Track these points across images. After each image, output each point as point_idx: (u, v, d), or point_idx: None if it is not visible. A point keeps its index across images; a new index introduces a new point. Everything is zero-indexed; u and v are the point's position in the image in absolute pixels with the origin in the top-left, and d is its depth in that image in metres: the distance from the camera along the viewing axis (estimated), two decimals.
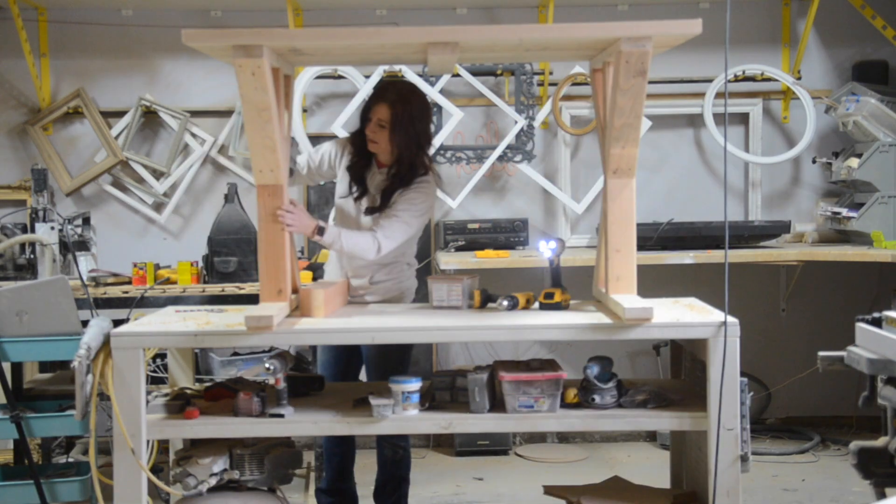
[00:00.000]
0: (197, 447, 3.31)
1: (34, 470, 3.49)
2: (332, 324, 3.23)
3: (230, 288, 4.60)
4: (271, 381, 3.33)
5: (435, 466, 5.19)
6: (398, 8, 5.61)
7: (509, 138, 5.56)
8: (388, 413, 3.13)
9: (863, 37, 5.69)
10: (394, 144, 3.59)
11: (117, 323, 3.25)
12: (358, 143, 3.71)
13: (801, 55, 5.60)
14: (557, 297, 3.33)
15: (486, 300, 3.39)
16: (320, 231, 3.42)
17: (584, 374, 3.18)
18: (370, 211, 3.65)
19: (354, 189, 3.71)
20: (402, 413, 3.16)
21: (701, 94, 5.57)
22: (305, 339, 3.39)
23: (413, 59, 3.54)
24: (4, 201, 5.53)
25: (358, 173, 3.71)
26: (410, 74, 5.51)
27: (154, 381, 4.76)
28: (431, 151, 3.80)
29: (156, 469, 3.34)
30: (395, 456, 3.86)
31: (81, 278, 4.25)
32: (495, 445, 5.35)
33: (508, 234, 5.38)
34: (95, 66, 5.62)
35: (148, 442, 3.18)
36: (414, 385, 3.18)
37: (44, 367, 4.69)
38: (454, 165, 5.65)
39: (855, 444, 2.79)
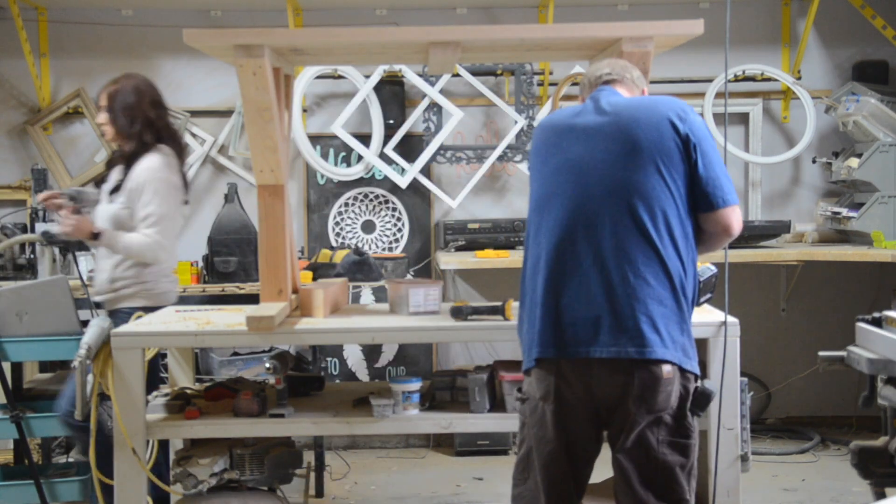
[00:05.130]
0: (197, 447, 3.31)
1: (34, 470, 3.49)
2: (332, 324, 3.23)
3: (230, 288, 4.60)
4: (271, 380, 3.33)
5: (435, 466, 5.19)
6: (398, 8, 5.61)
7: (509, 138, 5.56)
8: (389, 413, 3.13)
9: (863, 37, 5.69)
10: (114, 122, 3.68)
11: (117, 323, 3.25)
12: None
13: (801, 55, 5.60)
14: None
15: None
16: (96, 236, 3.52)
17: None
18: (114, 191, 3.66)
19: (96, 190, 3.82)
20: (403, 413, 3.16)
21: (701, 94, 5.57)
22: (305, 339, 3.39)
23: (414, 59, 3.55)
24: (4, 201, 5.53)
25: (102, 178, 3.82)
26: (410, 74, 5.51)
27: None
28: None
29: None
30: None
31: (81, 278, 4.25)
32: (495, 445, 5.35)
33: (508, 234, 5.38)
34: (95, 66, 5.61)
35: (148, 442, 3.19)
36: (414, 385, 3.18)
37: (44, 367, 4.68)
38: (454, 165, 5.65)
39: (855, 444, 2.79)
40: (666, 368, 2.48)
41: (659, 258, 2.50)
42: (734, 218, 2.62)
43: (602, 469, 2.73)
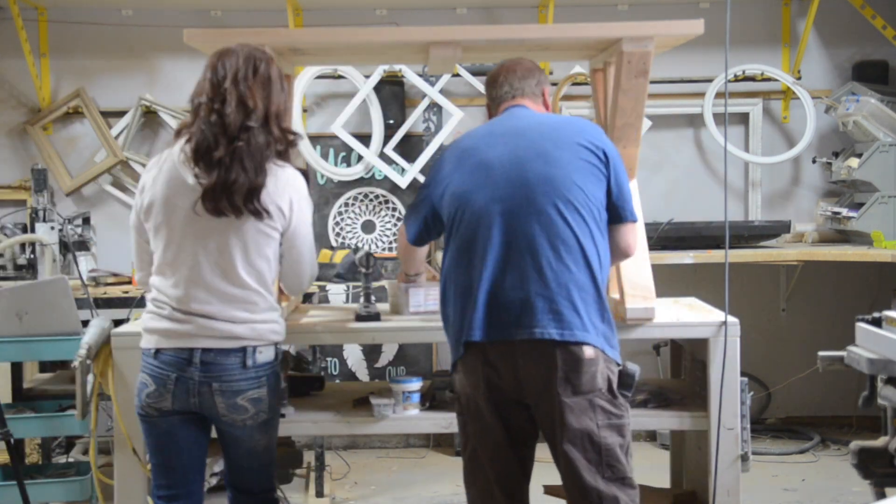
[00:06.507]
0: None
1: (19, 474, 3.46)
2: (332, 324, 3.23)
3: None
4: None
5: (435, 466, 5.19)
6: (398, 8, 5.61)
7: None
8: (389, 413, 3.13)
9: (863, 37, 5.68)
10: None
11: (117, 323, 3.25)
12: None
13: (801, 55, 5.60)
14: None
15: None
16: None
17: None
18: None
19: None
20: (403, 413, 3.16)
21: (701, 94, 5.57)
22: (306, 339, 3.39)
23: (414, 59, 3.55)
24: (4, 201, 5.52)
25: None
26: (410, 74, 5.51)
27: None
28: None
29: None
30: None
31: (81, 278, 4.25)
32: None
33: None
34: (95, 66, 5.61)
35: None
36: (414, 385, 3.19)
37: (44, 367, 4.69)
38: None
39: (855, 444, 2.79)
40: (587, 350, 2.55)
41: (580, 247, 2.59)
42: (634, 235, 2.77)
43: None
